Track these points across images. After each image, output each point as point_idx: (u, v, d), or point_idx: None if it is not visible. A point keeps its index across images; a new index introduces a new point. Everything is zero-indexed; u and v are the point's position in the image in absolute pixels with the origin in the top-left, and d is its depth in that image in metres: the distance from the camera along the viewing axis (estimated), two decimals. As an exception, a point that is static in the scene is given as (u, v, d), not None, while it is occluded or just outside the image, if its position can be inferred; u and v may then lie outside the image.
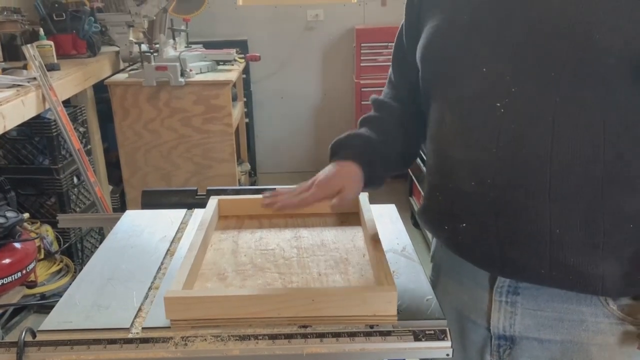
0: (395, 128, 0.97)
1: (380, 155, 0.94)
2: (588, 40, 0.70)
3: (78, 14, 2.51)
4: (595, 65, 0.70)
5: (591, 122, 0.72)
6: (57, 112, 2.04)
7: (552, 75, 0.72)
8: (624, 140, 0.72)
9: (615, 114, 0.72)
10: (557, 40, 0.72)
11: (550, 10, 0.73)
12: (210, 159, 2.60)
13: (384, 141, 0.95)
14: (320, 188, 0.87)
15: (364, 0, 3.54)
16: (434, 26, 0.85)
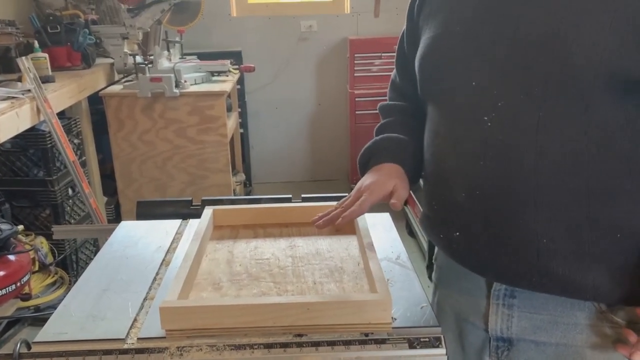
0: (412, 124, 0.99)
1: (411, 151, 0.96)
2: (568, 56, 0.72)
3: (73, 26, 2.52)
4: (576, 81, 0.72)
5: (574, 136, 0.74)
6: (51, 124, 2.05)
7: (535, 90, 0.74)
8: (607, 153, 0.74)
9: (597, 128, 0.73)
10: (540, 56, 0.74)
11: (534, 27, 0.75)
12: (205, 170, 2.60)
13: (409, 138, 0.97)
14: (372, 192, 0.88)
15: (357, 12, 3.57)
16: (430, 37, 0.88)
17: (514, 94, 0.76)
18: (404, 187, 0.91)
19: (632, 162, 0.74)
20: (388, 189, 0.89)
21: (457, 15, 0.84)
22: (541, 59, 0.74)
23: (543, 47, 0.74)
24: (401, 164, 0.94)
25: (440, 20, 0.87)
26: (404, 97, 1.03)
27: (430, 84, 0.90)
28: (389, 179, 0.91)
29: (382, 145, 0.98)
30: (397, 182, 0.91)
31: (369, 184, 0.90)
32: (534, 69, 0.74)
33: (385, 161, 0.94)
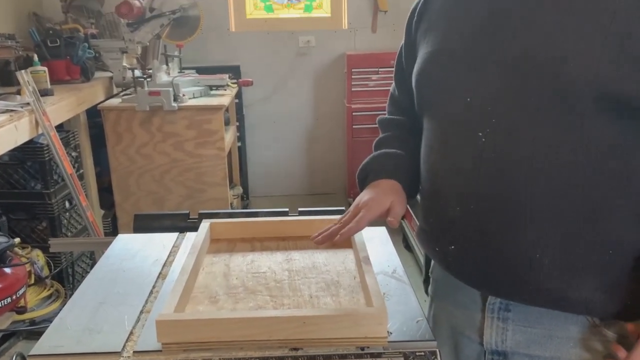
0: (410, 139, 0.99)
1: (408, 167, 0.97)
2: (562, 76, 0.73)
3: (72, 40, 2.54)
4: (569, 100, 0.73)
5: (568, 154, 0.75)
6: (49, 137, 2.05)
7: (530, 108, 0.75)
8: (601, 171, 0.75)
9: (591, 145, 0.74)
10: (534, 75, 0.75)
11: (529, 46, 0.76)
12: (202, 183, 2.61)
13: (407, 154, 0.98)
14: (370, 209, 0.89)
15: (355, 27, 3.60)
16: (427, 53, 0.89)
17: (508, 111, 0.77)
18: (400, 203, 0.92)
19: (625, 179, 0.75)
20: (385, 206, 0.90)
21: (454, 32, 0.86)
22: (535, 78, 0.75)
23: (537, 67, 0.75)
24: (398, 179, 0.95)
25: (437, 36, 0.89)
26: (403, 111, 1.04)
27: (426, 99, 0.91)
28: (386, 195, 0.92)
29: (380, 161, 0.99)
30: (394, 198, 0.91)
31: (367, 201, 0.91)
32: (528, 87, 0.76)
33: (382, 177, 0.95)
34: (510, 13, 0.78)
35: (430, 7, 0.92)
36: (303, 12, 3.68)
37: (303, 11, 3.68)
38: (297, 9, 3.68)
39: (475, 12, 0.83)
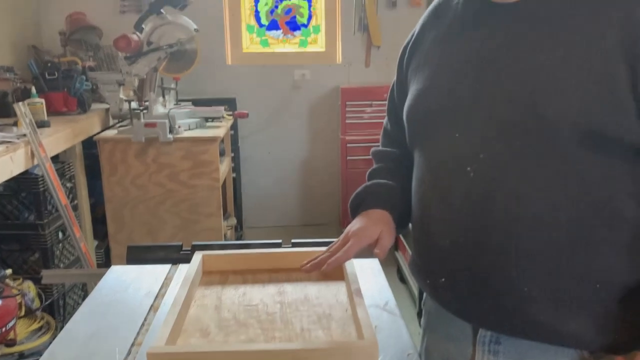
0: (402, 170, 1.01)
1: (399, 197, 0.98)
2: (544, 113, 0.75)
3: (70, 72, 2.58)
4: (552, 135, 0.76)
5: (552, 188, 0.77)
6: (45, 168, 2.06)
7: (515, 144, 0.78)
8: (584, 205, 0.77)
9: (575, 180, 0.76)
10: (518, 111, 0.78)
11: (512, 85, 0.79)
12: (196, 214, 2.61)
13: (398, 184, 1.00)
14: (358, 238, 0.91)
15: (349, 62, 3.67)
16: (417, 89, 0.92)
17: (495, 146, 0.79)
18: (389, 234, 0.93)
19: (609, 213, 0.77)
20: (374, 236, 0.92)
21: (442, 70, 0.89)
22: (519, 114, 0.77)
23: (521, 104, 0.77)
24: (389, 209, 0.97)
25: (426, 74, 0.91)
26: (395, 144, 1.07)
27: (417, 134, 0.94)
28: (376, 225, 0.93)
29: (372, 191, 1.01)
30: (383, 229, 0.93)
31: (356, 230, 0.93)
32: (512, 123, 0.78)
33: (373, 207, 0.97)
34: (494, 54, 0.81)
35: (421, 46, 0.96)
36: (298, 47, 3.75)
37: (298, 46, 3.75)
38: (292, 43, 3.75)
39: (461, 53, 0.86)
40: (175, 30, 2.65)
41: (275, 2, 3.66)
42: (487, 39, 0.83)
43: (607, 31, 0.73)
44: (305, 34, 3.73)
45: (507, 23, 0.81)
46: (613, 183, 0.77)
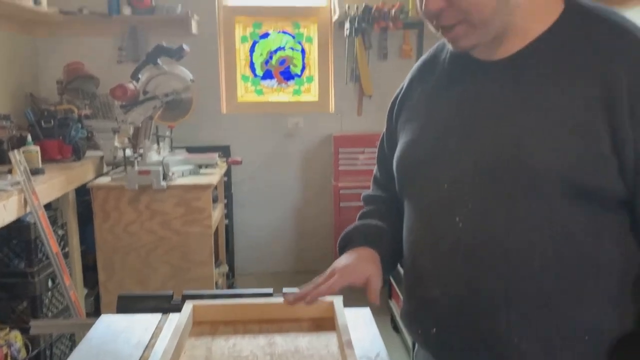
0: (391, 213, 1.03)
1: (387, 238, 1.00)
2: (530, 165, 0.78)
3: (66, 120, 2.61)
4: (538, 188, 0.78)
5: (539, 238, 0.78)
6: (37, 216, 2.06)
7: (502, 194, 0.80)
8: (571, 255, 0.78)
9: (561, 232, 0.78)
10: (504, 164, 0.80)
11: (498, 138, 0.81)
12: (188, 261, 2.60)
13: (387, 226, 1.01)
14: (343, 275, 0.91)
15: (341, 110, 3.75)
16: (406, 141, 0.95)
17: (483, 197, 0.81)
18: (377, 276, 0.93)
19: (597, 264, 0.78)
20: (359, 275, 0.92)
21: (430, 123, 0.92)
22: (505, 169, 0.80)
23: (507, 156, 0.80)
24: (376, 249, 0.98)
25: (415, 126, 0.94)
26: (385, 190, 1.09)
27: (406, 183, 0.96)
28: (362, 264, 0.94)
29: (360, 230, 1.02)
30: (370, 270, 0.93)
31: (342, 267, 0.94)
32: (499, 174, 0.80)
33: (361, 245, 0.98)
34: (480, 108, 0.85)
35: (410, 99, 0.99)
36: (292, 96, 3.83)
37: (292, 95, 3.83)
38: (286, 92, 3.83)
39: (448, 106, 0.89)
40: (171, 80, 2.71)
41: (269, 53, 3.77)
42: (474, 94, 0.86)
43: (587, 90, 0.77)
44: (299, 84, 3.82)
45: (492, 79, 0.85)
46: (598, 234, 0.79)
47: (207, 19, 3.52)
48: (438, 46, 0.97)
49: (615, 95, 0.75)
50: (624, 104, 0.74)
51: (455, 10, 0.79)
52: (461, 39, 0.83)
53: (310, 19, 3.74)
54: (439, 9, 0.80)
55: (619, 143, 0.75)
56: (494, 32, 0.82)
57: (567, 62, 0.79)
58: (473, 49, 0.85)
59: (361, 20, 3.43)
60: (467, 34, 0.82)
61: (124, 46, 3.44)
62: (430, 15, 0.82)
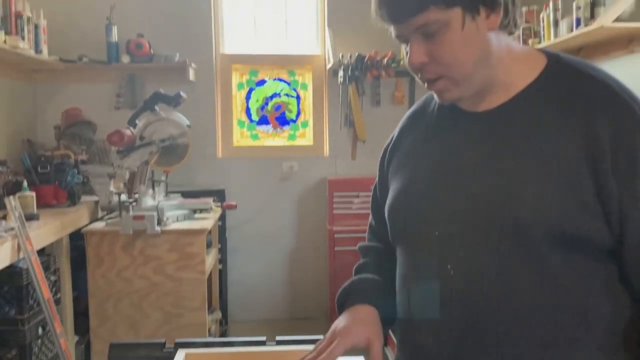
0: (387, 265, 1.03)
1: (384, 293, 0.99)
2: (517, 215, 0.80)
3: (62, 166, 2.63)
4: (526, 237, 0.79)
5: (530, 288, 0.80)
6: (30, 262, 2.05)
7: (492, 243, 0.81)
8: (562, 304, 0.79)
9: (552, 281, 0.79)
10: (492, 213, 0.82)
11: (485, 188, 0.84)
12: (181, 307, 2.57)
13: (384, 279, 1.01)
14: (345, 338, 0.90)
15: (335, 154, 3.79)
16: (397, 189, 0.96)
17: (473, 246, 0.83)
18: (378, 338, 0.92)
19: (587, 313, 0.79)
20: (360, 337, 0.91)
21: (421, 170, 0.94)
22: (493, 216, 0.81)
23: (494, 206, 0.82)
24: (375, 305, 0.97)
25: (405, 174, 0.97)
26: (380, 240, 1.09)
27: (398, 232, 0.97)
28: (363, 326, 0.93)
29: (358, 286, 1.02)
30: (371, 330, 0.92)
31: (342, 329, 0.93)
32: (488, 224, 0.82)
33: (360, 302, 0.98)
34: (468, 158, 0.87)
35: (400, 148, 1.01)
36: (287, 140, 3.88)
37: (287, 139, 3.88)
38: (281, 137, 3.88)
39: (437, 156, 0.92)
40: (168, 126, 2.75)
41: (265, 99, 3.84)
42: (459, 145, 0.89)
43: (571, 142, 0.79)
44: (294, 129, 3.88)
45: (477, 130, 0.88)
46: (587, 283, 0.80)
47: (205, 67, 3.60)
48: (427, 97, 1.01)
49: (598, 148, 0.78)
50: (607, 157, 0.77)
51: (437, 64, 0.83)
52: (445, 92, 0.86)
53: (306, 67, 3.83)
54: (421, 63, 0.83)
55: (604, 194, 0.77)
56: (476, 86, 0.85)
57: (551, 116, 0.82)
58: (458, 102, 0.89)
59: (354, 68, 3.52)
60: (449, 88, 0.85)
61: (122, 93, 3.50)
62: (414, 68, 0.86)
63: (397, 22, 0.83)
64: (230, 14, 3.77)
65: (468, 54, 0.82)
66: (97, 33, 3.35)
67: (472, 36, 0.81)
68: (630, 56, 2.33)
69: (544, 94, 0.84)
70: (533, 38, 2.78)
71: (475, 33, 0.81)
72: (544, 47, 2.57)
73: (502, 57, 0.85)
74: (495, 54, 0.84)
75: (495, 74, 0.85)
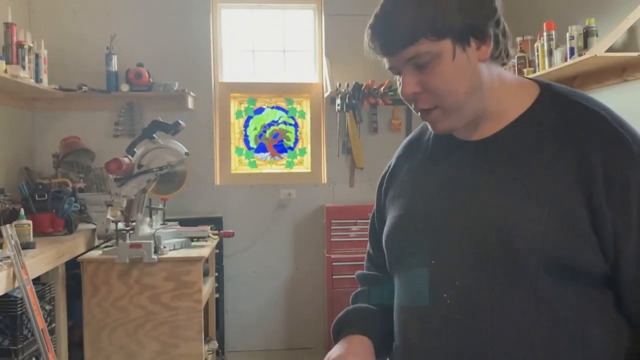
0: (384, 294, 1.03)
1: (379, 323, 0.99)
2: (511, 243, 0.80)
3: (60, 194, 2.63)
4: (521, 265, 0.80)
5: (525, 317, 0.79)
6: (25, 291, 2.03)
7: (486, 272, 0.81)
8: (557, 333, 0.79)
9: (547, 309, 0.79)
10: (487, 242, 0.82)
11: (480, 217, 0.84)
12: (176, 337, 2.54)
13: (380, 309, 1.01)
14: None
15: (333, 181, 3.80)
16: (394, 217, 0.97)
17: (469, 275, 0.83)
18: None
19: (580, 339, 0.79)
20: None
21: (417, 199, 0.94)
22: (488, 244, 0.82)
23: (489, 235, 0.82)
24: (369, 335, 0.97)
25: (402, 203, 0.97)
26: (378, 268, 1.09)
27: (395, 260, 0.97)
28: (355, 356, 0.93)
29: (353, 316, 1.02)
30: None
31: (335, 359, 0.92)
32: (483, 254, 0.82)
33: (354, 332, 0.98)
34: (463, 187, 0.88)
35: (397, 177, 1.02)
36: (285, 168, 3.89)
37: (285, 167, 3.89)
38: (279, 165, 3.89)
39: (433, 185, 0.92)
40: (166, 154, 2.76)
41: (263, 127, 3.86)
42: (454, 174, 0.89)
43: (564, 172, 0.80)
44: (292, 156, 3.89)
45: (472, 159, 0.88)
46: (582, 311, 0.79)
47: (203, 95, 3.63)
48: (423, 126, 1.02)
49: (591, 177, 0.78)
50: (600, 186, 0.78)
51: (429, 95, 0.84)
52: (437, 123, 0.87)
53: (303, 95, 3.87)
54: (414, 94, 0.85)
55: (597, 223, 0.78)
56: (468, 116, 0.86)
57: (544, 145, 0.83)
58: (451, 132, 0.90)
59: (352, 96, 3.55)
60: (441, 118, 0.86)
61: (121, 121, 3.52)
62: (407, 99, 0.87)
63: (389, 55, 0.85)
64: (229, 43, 3.82)
65: (460, 84, 0.83)
66: (97, 62, 3.39)
67: (463, 67, 0.83)
68: (625, 84, 2.36)
69: (536, 123, 0.85)
70: (528, 67, 2.82)
71: (466, 64, 0.83)
72: (538, 76, 2.61)
73: (494, 87, 0.86)
74: (487, 84, 0.86)
75: (488, 104, 0.86)
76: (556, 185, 0.80)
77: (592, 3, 2.64)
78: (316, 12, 3.84)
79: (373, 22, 0.84)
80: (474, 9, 0.82)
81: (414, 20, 0.80)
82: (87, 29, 3.49)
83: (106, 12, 3.53)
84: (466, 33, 0.82)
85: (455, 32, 0.81)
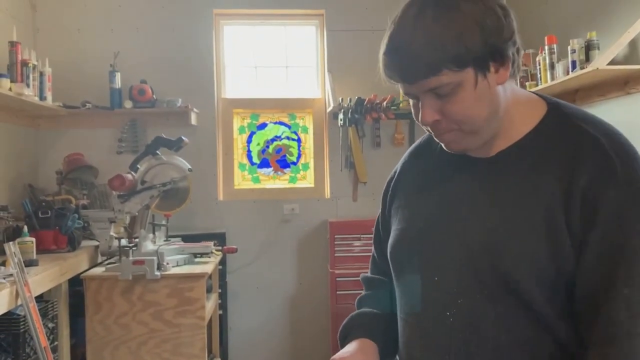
0: (388, 298, 1.03)
1: (384, 326, 1.00)
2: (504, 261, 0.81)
3: (63, 211, 2.63)
4: (513, 283, 0.80)
5: (525, 337, 0.80)
6: (28, 309, 2.03)
7: (485, 291, 0.82)
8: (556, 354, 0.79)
9: (544, 331, 0.80)
10: (483, 259, 0.83)
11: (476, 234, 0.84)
12: (180, 355, 2.52)
13: (386, 314, 1.02)
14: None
15: (336, 196, 3.79)
16: (398, 229, 0.97)
17: (471, 293, 0.83)
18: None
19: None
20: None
21: (420, 212, 0.94)
22: (484, 262, 0.82)
23: (484, 252, 0.83)
24: (374, 339, 0.98)
25: (406, 214, 0.97)
26: (382, 272, 1.09)
27: (399, 273, 0.97)
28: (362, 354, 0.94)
29: (358, 321, 1.03)
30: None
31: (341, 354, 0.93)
32: (481, 270, 0.83)
33: (359, 336, 0.98)
34: (463, 204, 0.88)
35: (402, 185, 1.02)
36: (288, 183, 3.89)
37: (288, 182, 3.89)
38: (282, 180, 3.89)
39: (433, 200, 0.93)
40: (169, 170, 2.76)
41: (266, 142, 3.87)
42: (457, 191, 0.90)
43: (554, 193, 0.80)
44: (295, 171, 3.89)
45: (475, 175, 0.88)
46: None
47: (206, 111, 3.65)
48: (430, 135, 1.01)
49: (572, 199, 0.79)
50: (577, 207, 0.78)
51: (449, 121, 0.84)
52: (453, 143, 0.87)
53: (306, 111, 3.88)
54: (434, 121, 0.84)
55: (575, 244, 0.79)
56: (485, 138, 0.86)
57: (542, 166, 0.83)
58: (465, 152, 0.89)
59: (354, 111, 3.56)
60: (458, 140, 0.86)
61: (124, 137, 3.54)
62: (425, 125, 0.86)
63: (408, 83, 0.82)
64: (232, 59, 3.84)
65: (480, 110, 0.82)
66: (101, 79, 3.41)
67: (484, 93, 0.82)
68: (627, 97, 2.37)
69: (537, 144, 0.85)
70: (530, 81, 2.82)
71: (487, 89, 0.82)
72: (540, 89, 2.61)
73: (508, 105, 0.86)
74: (503, 105, 0.85)
75: (501, 124, 0.87)
76: (547, 208, 0.80)
77: (593, 16, 2.65)
78: (318, 28, 3.87)
79: (389, 48, 0.80)
80: (496, 34, 0.79)
81: (436, 51, 0.77)
82: (90, 47, 3.53)
83: (109, 30, 3.57)
84: (486, 58, 0.80)
85: (478, 60, 0.79)
